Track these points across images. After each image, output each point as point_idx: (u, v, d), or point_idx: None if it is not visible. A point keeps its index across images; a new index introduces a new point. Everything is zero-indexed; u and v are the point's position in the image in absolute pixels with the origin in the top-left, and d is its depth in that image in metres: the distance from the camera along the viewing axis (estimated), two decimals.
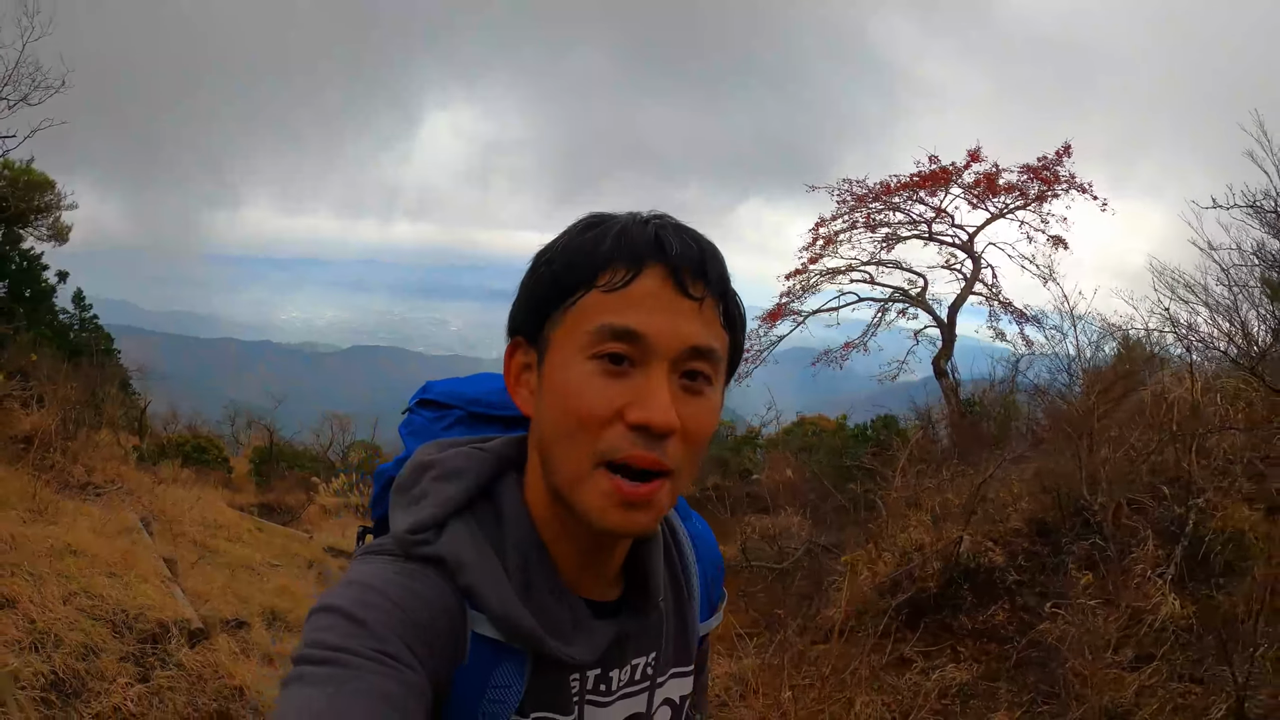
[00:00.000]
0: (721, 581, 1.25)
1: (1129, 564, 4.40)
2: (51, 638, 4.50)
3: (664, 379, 0.87)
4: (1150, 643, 3.91)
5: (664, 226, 0.92)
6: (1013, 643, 4.79)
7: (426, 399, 1.24)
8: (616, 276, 0.88)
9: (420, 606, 0.87)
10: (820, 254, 13.73)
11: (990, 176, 12.85)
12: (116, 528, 6.71)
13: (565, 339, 0.90)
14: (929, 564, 5.79)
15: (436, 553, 0.91)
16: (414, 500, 0.97)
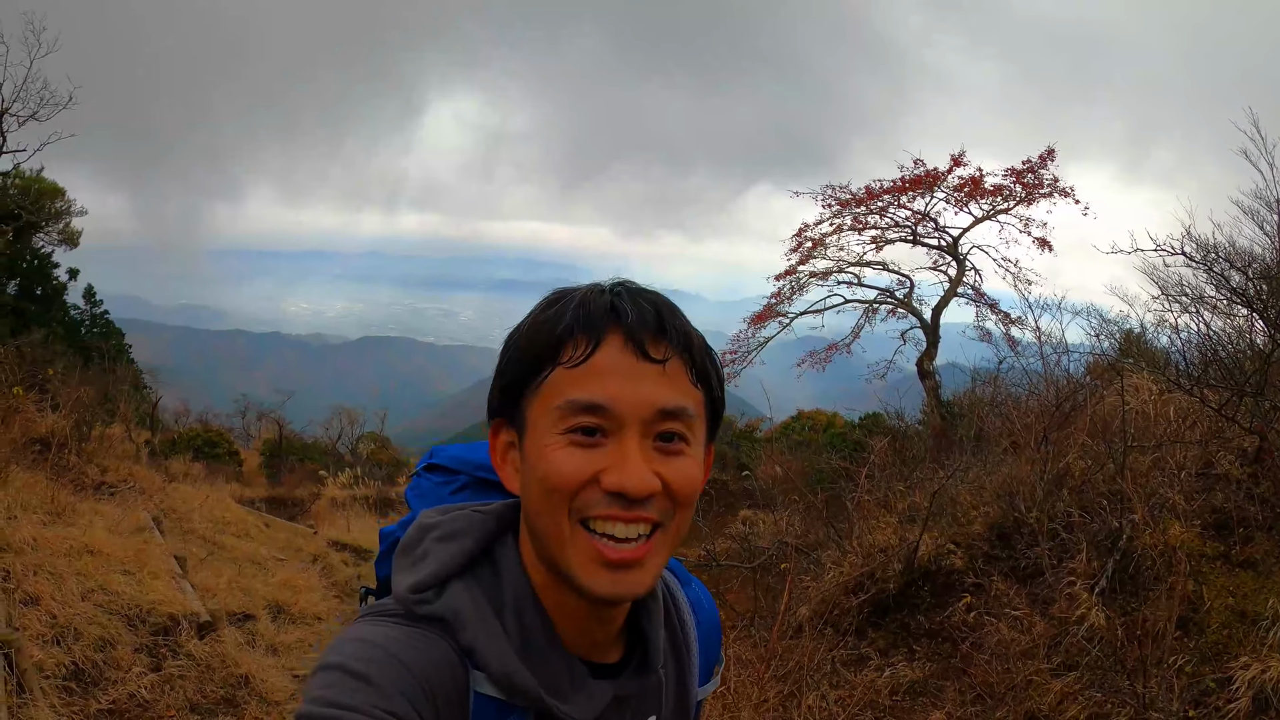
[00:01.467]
0: (720, 645, 1.26)
1: (1060, 576, 4.73)
2: (71, 631, 4.89)
3: (636, 445, 0.89)
4: (1076, 651, 4.23)
5: (620, 294, 0.94)
6: (965, 643, 5.10)
7: (434, 464, 1.26)
8: (578, 350, 0.90)
9: (424, 664, 0.88)
10: (809, 255, 14.00)
11: (975, 180, 13.12)
12: (130, 527, 7.10)
13: (539, 417, 0.92)
14: (891, 565, 6.11)
15: (437, 612, 0.93)
16: (416, 561, 0.98)
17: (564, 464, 0.89)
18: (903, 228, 13.98)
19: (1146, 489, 4.87)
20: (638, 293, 0.95)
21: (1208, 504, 4.72)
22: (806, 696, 4.93)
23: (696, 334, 0.96)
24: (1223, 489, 4.75)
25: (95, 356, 17.23)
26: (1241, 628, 3.92)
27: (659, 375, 0.90)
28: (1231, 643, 3.87)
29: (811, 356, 14.37)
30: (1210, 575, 4.30)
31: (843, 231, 13.97)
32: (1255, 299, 5.13)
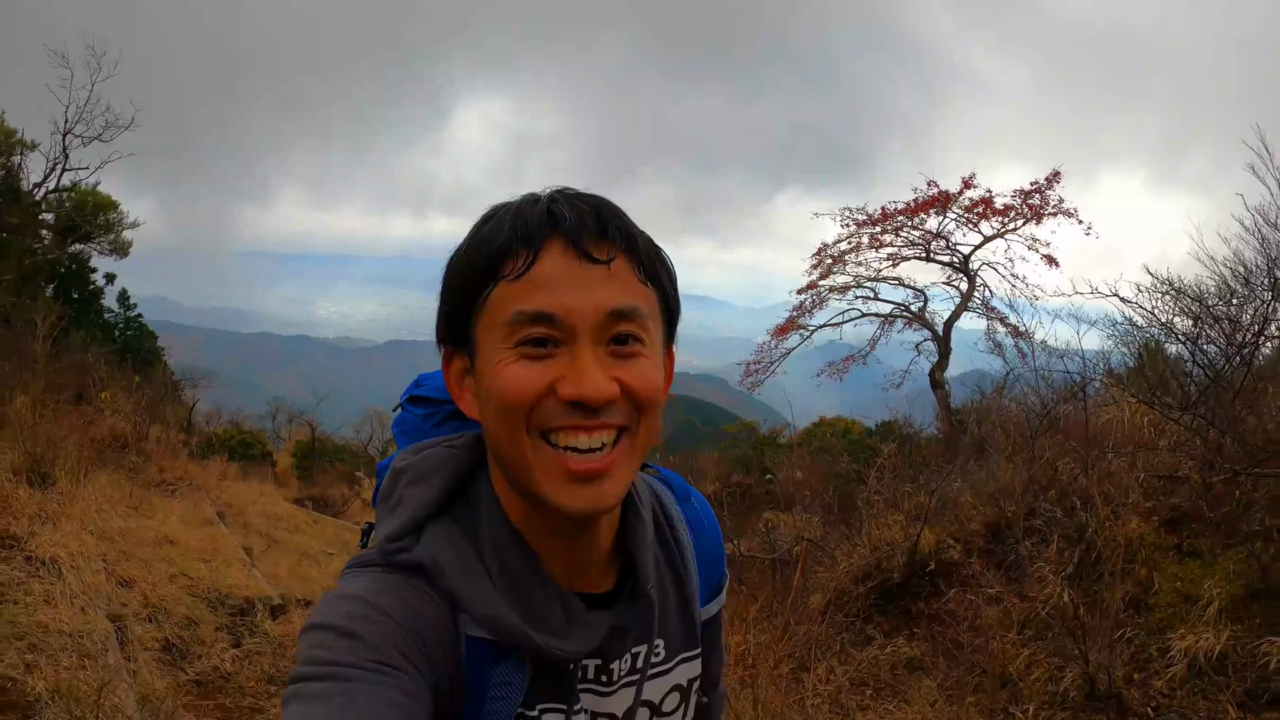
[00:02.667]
0: (723, 563, 1.22)
1: (1033, 563, 5.33)
2: (162, 610, 5.54)
3: (589, 350, 0.86)
4: (1043, 625, 4.81)
5: (555, 200, 0.90)
6: (954, 624, 5.67)
7: (417, 395, 1.24)
8: (518, 262, 0.87)
9: (411, 614, 0.87)
10: (829, 270, 14.60)
11: (986, 200, 13.67)
12: (199, 520, 7.79)
13: (487, 336, 0.89)
14: (896, 557, 6.67)
15: (416, 559, 0.91)
16: (391, 508, 0.96)
17: (517, 377, 0.86)
18: (917, 245, 14.52)
19: (1111, 490, 5.41)
20: (575, 196, 0.91)
21: (1167, 503, 5.25)
22: (816, 668, 5.53)
23: (641, 233, 0.93)
24: (1182, 490, 5.28)
25: (132, 348, 17.82)
26: (1184, 607, 4.47)
27: (605, 277, 0.88)
28: (1175, 620, 4.42)
29: (830, 367, 14.94)
30: (1162, 564, 4.85)
31: (861, 249, 14.53)
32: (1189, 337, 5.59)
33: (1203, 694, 4.02)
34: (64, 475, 6.31)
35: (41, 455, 6.19)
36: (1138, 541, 5.08)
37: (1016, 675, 4.56)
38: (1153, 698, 4.11)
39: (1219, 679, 4.02)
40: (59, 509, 5.76)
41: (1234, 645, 4.10)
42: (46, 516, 5.53)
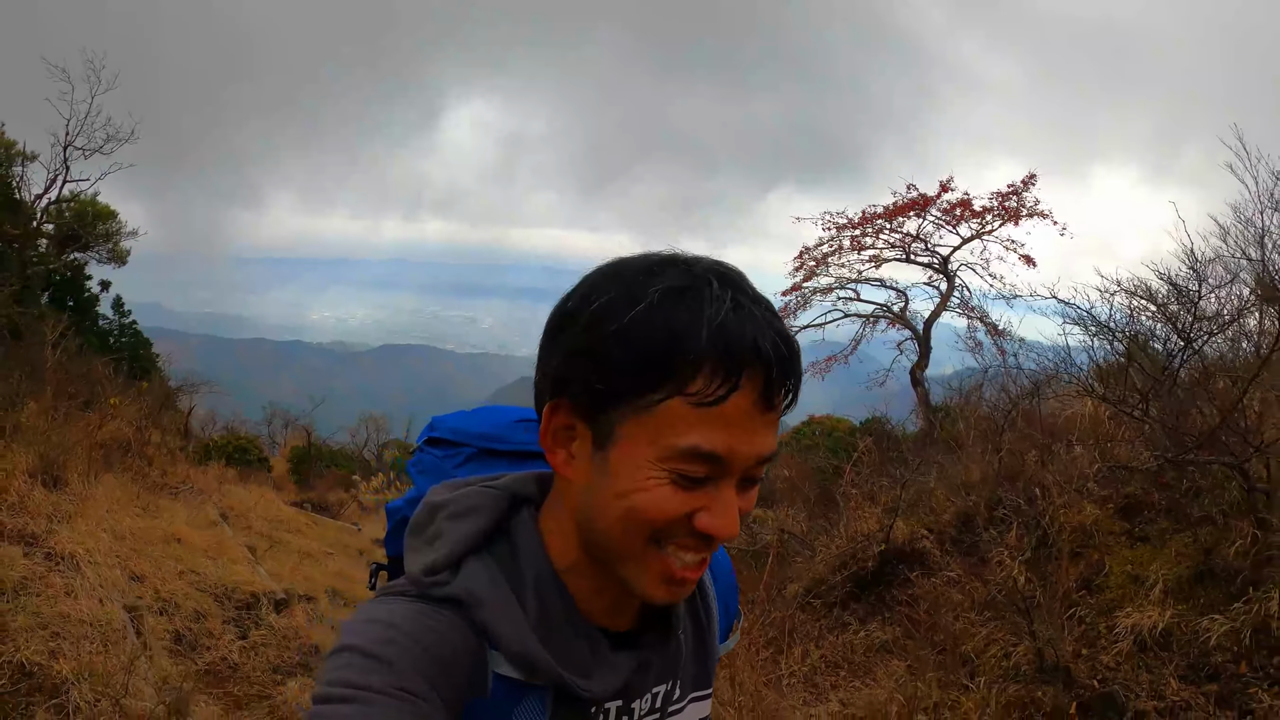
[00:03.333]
0: (737, 602, 1.24)
1: (993, 548, 5.68)
2: (172, 604, 5.84)
3: (734, 493, 0.86)
4: (1000, 606, 5.15)
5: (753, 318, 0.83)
6: (922, 608, 6.00)
7: (435, 437, 1.25)
8: (711, 388, 0.81)
9: (440, 644, 0.87)
10: (812, 273, 14.99)
11: (965, 203, 14.09)
12: (204, 521, 8.09)
13: (639, 440, 0.84)
14: (871, 547, 7.01)
15: (453, 593, 0.91)
16: (428, 541, 0.97)
17: (665, 503, 0.84)
18: (897, 248, 14.94)
19: (1066, 478, 5.75)
20: (771, 323, 0.84)
21: (1121, 491, 5.59)
22: (793, 651, 5.86)
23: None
24: (1135, 479, 5.61)
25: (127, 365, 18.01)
26: (1132, 588, 4.78)
27: (772, 423, 0.85)
28: (1123, 600, 4.73)
29: (813, 366, 15.30)
30: (1114, 548, 5.18)
31: (842, 252, 14.92)
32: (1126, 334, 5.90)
33: (1146, 668, 4.30)
34: (75, 478, 6.61)
35: (54, 459, 6.49)
36: (1091, 527, 5.42)
37: (974, 652, 4.89)
38: (1099, 671, 4.39)
39: (1163, 654, 4.31)
40: (73, 509, 6.07)
41: (1178, 623, 4.38)
42: (62, 516, 5.83)
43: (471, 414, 1.30)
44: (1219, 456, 4.66)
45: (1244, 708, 3.86)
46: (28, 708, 3.66)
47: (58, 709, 3.68)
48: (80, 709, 3.68)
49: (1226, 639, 4.15)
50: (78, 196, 15.18)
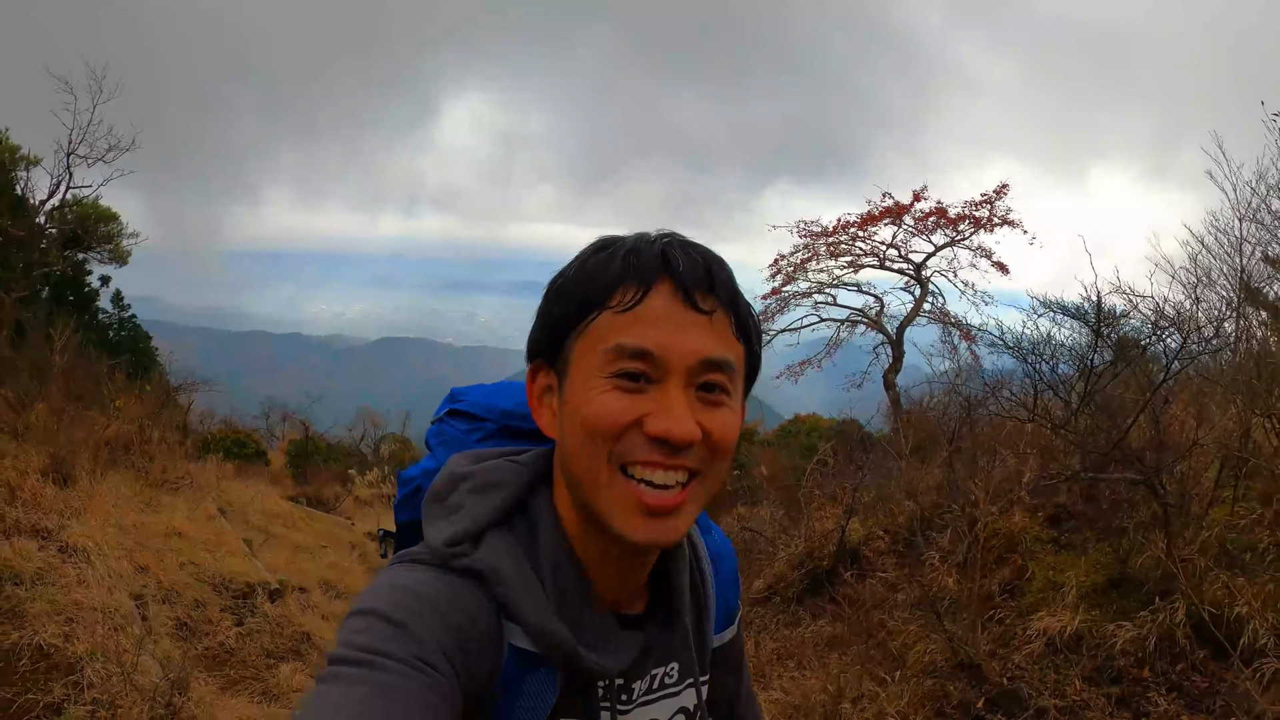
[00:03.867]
0: (738, 594, 1.27)
1: (926, 553, 6.15)
2: (174, 593, 6.26)
3: (680, 392, 0.89)
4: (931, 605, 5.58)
5: (671, 244, 0.94)
6: (865, 606, 6.45)
7: (458, 409, 1.26)
8: (627, 295, 0.90)
9: (459, 615, 0.89)
10: (792, 276, 15.49)
11: (941, 210, 14.59)
12: (203, 515, 8.53)
13: (582, 360, 0.92)
14: (827, 547, 7.47)
15: (474, 565, 0.93)
16: (450, 511, 0.99)
17: (609, 406, 0.89)
18: (872, 255, 15.44)
19: (1000, 488, 6.16)
20: (687, 244, 0.95)
21: (1052, 501, 6.02)
22: (747, 643, 6.33)
23: (740, 291, 0.97)
24: (1067, 490, 6.04)
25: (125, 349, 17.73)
26: (1051, 593, 5.16)
27: (706, 325, 0.91)
28: (1041, 603, 5.11)
29: (788, 370, 15.78)
30: (1040, 554, 5.59)
31: (819, 258, 15.39)
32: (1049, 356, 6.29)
33: (1054, 668, 4.62)
34: (83, 476, 7.05)
35: (63, 458, 6.93)
36: (1019, 534, 5.86)
37: (903, 648, 5.32)
38: (1010, 670, 4.74)
39: (1071, 656, 4.64)
40: (81, 505, 6.50)
41: (1089, 628, 4.70)
42: (72, 512, 6.26)
43: (495, 388, 1.30)
44: (1129, 473, 5.04)
45: (1140, 710, 4.13)
46: (46, 684, 4.11)
47: (73, 684, 4.13)
48: (93, 684, 4.12)
49: (1132, 645, 4.44)
50: (80, 201, 15.61)
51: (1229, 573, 4.46)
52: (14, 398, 7.15)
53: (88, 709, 3.98)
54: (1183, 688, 4.19)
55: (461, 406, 1.26)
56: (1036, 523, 5.95)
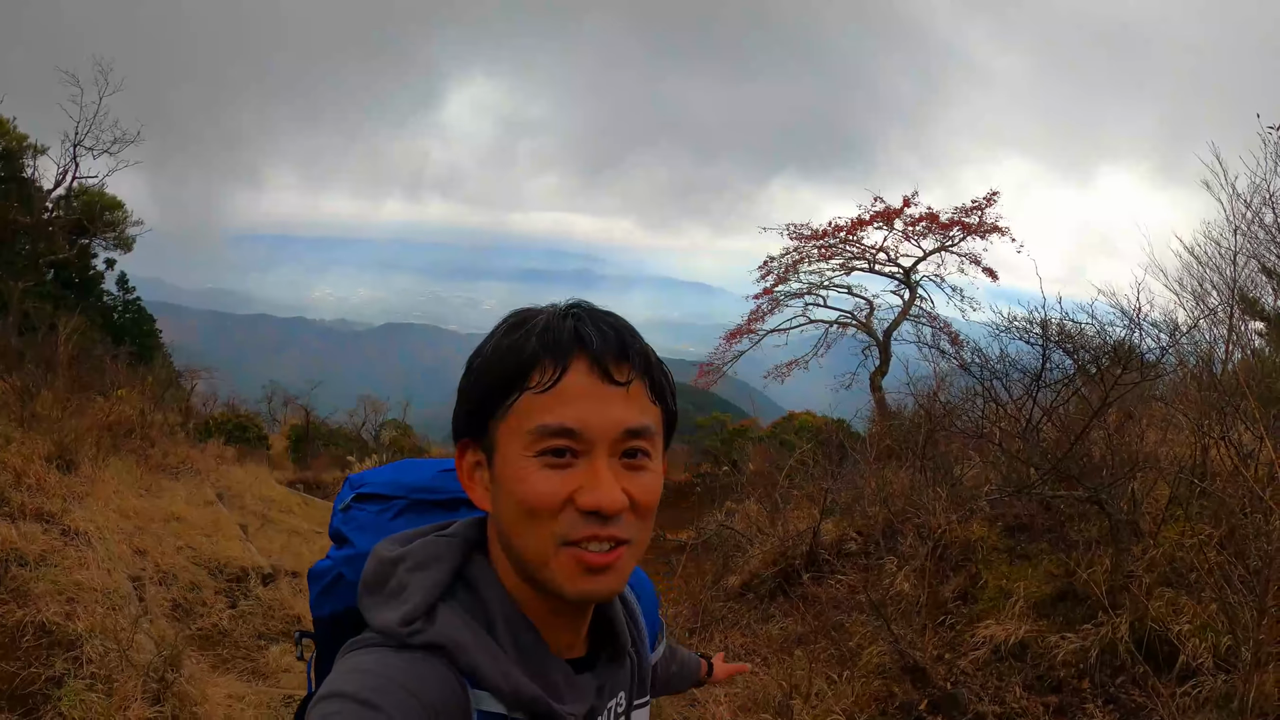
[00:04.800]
0: (657, 613, 1.33)
1: (886, 558, 6.41)
2: (171, 576, 6.54)
3: (604, 464, 0.93)
4: (890, 608, 5.79)
5: (582, 319, 0.96)
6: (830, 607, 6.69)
7: (366, 493, 1.27)
8: (545, 375, 0.93)
9: (428, 690, 0.90)
10: (784, 277, 15.75)
11: (933, 215, 14.84)
12: (201, 500, 8.82)
13: (508, 440, 0.95)
14: (800, 546, 7.74)
15: (434, 639, 0.94)
16: (394, 594, 0.99)
17: (541, 486, 0.92)
18: (862, 258, 15.70)
19: (961, 497, 6.39)
20: (599, 316, 0.98)
21: (1011, 511, 6.19)
22: (715, 637, 6.61)
23: (653, 353, 1.00)
24: (1027, 500, 6.21)
25: (128, 331, 18.31)
26: (1002, 601, 5.34)
27: (623, 397, 0.94)
28: (991, 611, 5.31)
29: (775, 369, 16.06)
30: (995, 563, 5.76)
31: (810, 260, 15.66)
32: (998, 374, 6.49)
33: (998, 675, 4.80)
34: (86, 462, 7.34)
35: (67, 445, 7.22)
36: (976, 543, 6.08)
37: (858, 648, 5.55)
38: (955, 675, 4.93)
39: (1016, 664, 4.82)
40: (84, 490, 6.78)
41: (1035, 638, 4.87)
42: (75, 497, 6.54)
43: (394, 468, 1.32)
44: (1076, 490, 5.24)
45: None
46: (48, 659, 4.39)
47: (73, 660, 4.41)
48: (91, 660, 4.40)
49: (1074, 656, 4.59)
50: (86, 190, 15.92)
51: (1174, 591, 4.57)
52: (20, 386, 7.41)
53: (86, 682, 4.25)
54: (1119, 700, 4.31)
55: (368, 490, 1.28)
56: (994, 532, 6.15)
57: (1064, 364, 6.11)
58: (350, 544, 1.24)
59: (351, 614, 1.10)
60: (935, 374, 9.00)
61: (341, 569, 1.21)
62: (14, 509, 5.80)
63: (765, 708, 5.09)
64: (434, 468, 1.30)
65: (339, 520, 1.28)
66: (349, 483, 1.33)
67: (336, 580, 1.21)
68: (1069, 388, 5.85)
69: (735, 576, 8.16)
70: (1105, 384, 4.99)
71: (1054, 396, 5.93)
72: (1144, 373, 5.12)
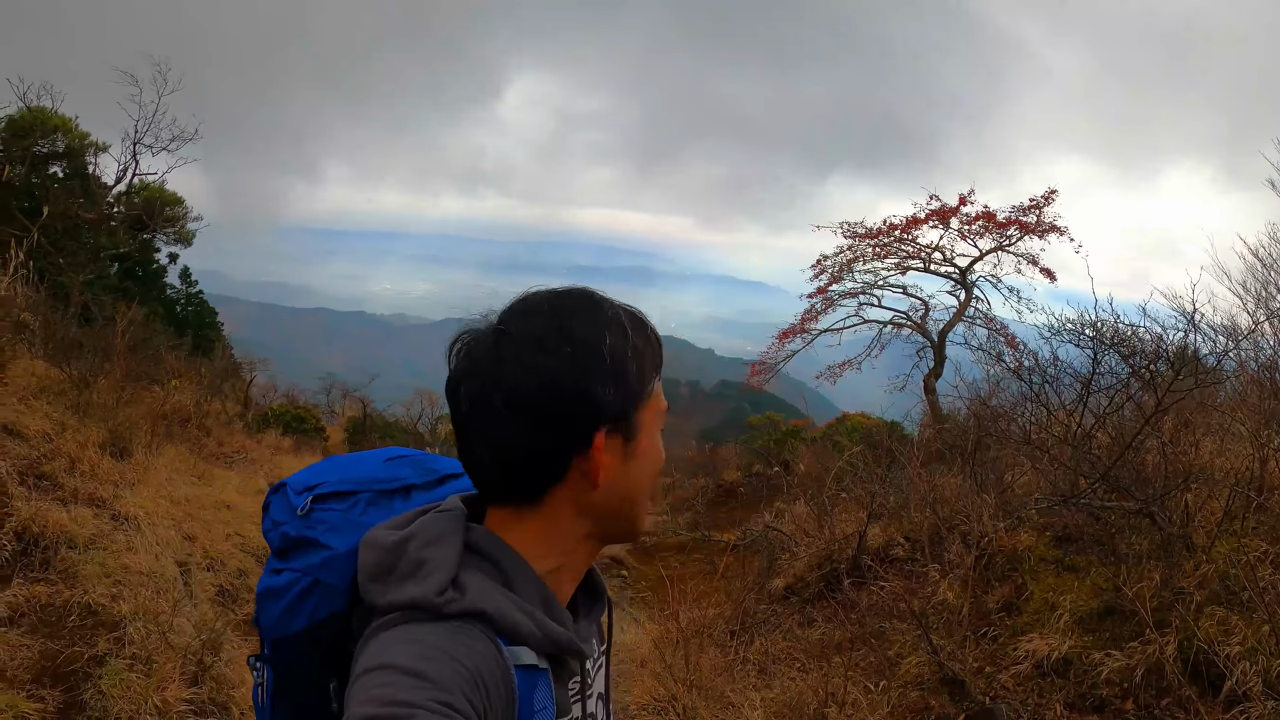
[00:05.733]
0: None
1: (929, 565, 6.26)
2: (218, 562, 6.66)
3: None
4: (932, 617, 5.64)
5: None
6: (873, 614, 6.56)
7: (324, 493, 1.23)
8: (659, 365, 1.15)
9: (473, 656, 0.93)
10: (838, 276, 15.53)
11: (989, 214, 14.50)
12: (252, 489, 8.97)
13: (652, 420, 1.13)
14: (846, 550, 7.61)
15: (472, 606, 0.98)
16: (411, 572, 1.01)
17: (662, 450, 1.15)
18: (918, 258, 15.40)
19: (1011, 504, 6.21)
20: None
21: (1061, 520, 5.96)
22: (756, 641, 6.52)
23: None
24: (1075, 510, 6.00)
25: (191, 323, 18.79)
26: (1047, 614, 5.12)
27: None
28: (1036, 624, 5.10)
29: (827, 370, 15.87)
30: (1042, 574, 5.54)
31: (865, 259, 15.42)
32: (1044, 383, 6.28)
33: (1039, 692, 4.61)
34: (139, 449, 7.51)
35: (121, 432, 7.39)
36: (1025, 552, 5.89)
37: (898, 657, 5.45)
38: (995, 689, 4.76)
39: (1059, 681, 4.62)
40: (136, 477, 6.94)
41: (1079, 654, 4.66)
42: (126, 483, 6.69)
43: (340, 465, 1.30)
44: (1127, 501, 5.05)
45: None
46: (92, 638, 4.50)
47: (115, 640, 4.52)
48: (134, 640, 4.52)
49: (1119, 675, 4.40)
50: (147, 185, 16.37)
51: (1225, 610, 4.35)
52: (78, 375, 7.61)
53: (126, 662, 4.36)
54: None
55: (325, 489, 1.23)
56: (1043, 542, 5.97)
57: (1119, 368, 5.92)
58: (325, 547, 1.17)
59: (335, 620, 1.13)
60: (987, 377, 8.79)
61: (318, 575, 1.15)
62: (67, 494, 5.95)
63: (800, 715, 5.00)
64: (376, 459, 1.31)
65: (299, 526, 1.19)
66: (288, 488, 1.26)
67: (310, 589, 1.15)
68: (1122, 393, 5.65)
69: (780, 579, 8.06)
70: (1158, 390, 4.78)
71: (1108, 402, 5.73)
72: (1200, 379, 4.91)
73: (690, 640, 5.98)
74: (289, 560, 1.18)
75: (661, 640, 6.31)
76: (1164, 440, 5.25)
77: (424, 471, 1.29)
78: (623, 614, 9.14)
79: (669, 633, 6.37)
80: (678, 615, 6.28)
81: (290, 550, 1.19)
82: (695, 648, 5.88)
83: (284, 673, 1.20)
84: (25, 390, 7.05)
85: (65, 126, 15.08)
